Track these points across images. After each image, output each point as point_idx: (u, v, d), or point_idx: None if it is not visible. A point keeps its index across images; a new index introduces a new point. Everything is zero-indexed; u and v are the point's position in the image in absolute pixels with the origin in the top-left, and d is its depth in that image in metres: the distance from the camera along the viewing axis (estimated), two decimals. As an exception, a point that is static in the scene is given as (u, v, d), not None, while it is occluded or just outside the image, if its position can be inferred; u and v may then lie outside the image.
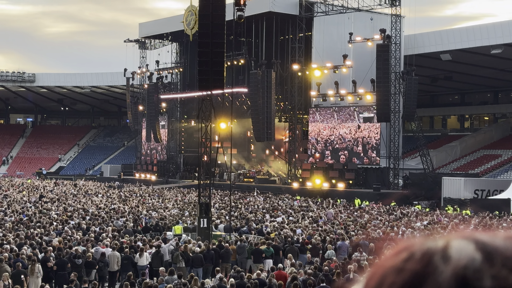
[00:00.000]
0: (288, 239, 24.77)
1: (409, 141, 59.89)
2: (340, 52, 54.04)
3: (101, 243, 23.54)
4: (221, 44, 28.30)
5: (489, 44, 53.69)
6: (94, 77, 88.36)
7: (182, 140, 72.67)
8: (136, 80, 76.07)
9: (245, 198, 47.39)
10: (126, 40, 76.29)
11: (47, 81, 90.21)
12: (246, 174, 63.17)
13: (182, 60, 71.41)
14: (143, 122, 76.04)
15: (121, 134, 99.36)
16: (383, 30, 51.59)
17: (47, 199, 43.67)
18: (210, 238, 26.50)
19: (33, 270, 19.17)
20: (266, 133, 54.56)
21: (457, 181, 48.77)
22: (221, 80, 28.43)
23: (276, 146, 65.06)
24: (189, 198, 46.39)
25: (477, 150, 64.37)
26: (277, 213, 36.37)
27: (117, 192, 53.49)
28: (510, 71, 62.62)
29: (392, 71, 51.94)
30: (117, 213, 34.52)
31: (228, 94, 55.79)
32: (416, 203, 45.74)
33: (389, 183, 52.21)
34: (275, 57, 57.61)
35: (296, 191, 52.67)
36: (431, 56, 58.11)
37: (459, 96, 76.43)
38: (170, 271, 19.32)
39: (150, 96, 70.42)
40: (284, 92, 60.29)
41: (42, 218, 30.90)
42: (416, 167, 56.63)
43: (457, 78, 67.75)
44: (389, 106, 51.40)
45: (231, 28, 45.53)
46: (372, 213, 37.23)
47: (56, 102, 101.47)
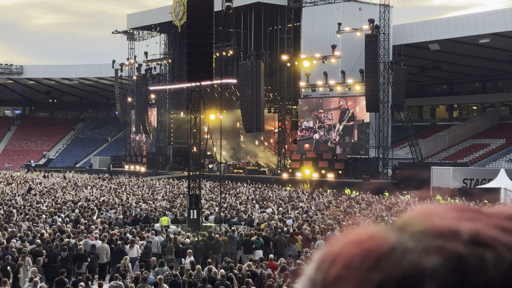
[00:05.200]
0: (278, 230, 24.82)
1: (398, 131, 60.08)
2: (329, 42, 54.05)
3: (90, 235, 23.50)
4: (209, 35, 28.24)
5: (477, 33, 53.86)
6: (82, 69, 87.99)
7: (172, 131, 72.58)
8: (125, 71, 75.83)
9: (235, 189, 47.40)
10: (114, 32, 75.96)
11: (35, 73, 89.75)
12: (235, 165, 63.19)
13: (171, 51, 71.20)
14: (132, 114, 75.86)
15: (110, 126, 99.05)
16: (372, 20, 51.63)
17: (36, 192, 43.52)
18: (200, 229, 26.53)
19: (23, 263, 19.12)
20: (255, 124, 54.57)
21: (446, 170, 48.98)
22: (210, 71, 28.40)
23: (265, 137, 65.09)
24: (179, 190, 46.35)
25: (466, 140, 64.65)
26: (267, 203, 36.43)
27: (106, 184, 53.36)
28: (498, 61, 62.89)
29: (381, 61, 52.03)
30: (107, 205, 34.46)
31: (217, 85, 55.69)
32: (405, 192, 45.90)
33: (378, 173, 52.38)
34: (264, 47, 57.54)
35: (285, 181, 52.74)
36: (420, 46, 58.24)
37: (447, 85, 76.67)
38: (160, 263, 19.33)
39: (139, 88, 70.21)
40: (273, 82, 60.27)
41: (31, 210, 30.80)
42: (405, 157, 56.84)
43: (445, 67, 67.95)
44: (378, 96, 51.52)
45: (219, 19, 45.56)
46: (361, 203, 37.34)
47: (44, 94, 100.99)
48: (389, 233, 0.84)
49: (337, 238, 0.88)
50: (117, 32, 75.77)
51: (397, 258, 0.80)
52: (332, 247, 0.86)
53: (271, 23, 58.81)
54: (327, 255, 0.86)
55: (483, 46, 56.00)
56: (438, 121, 72.69)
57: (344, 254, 0.84)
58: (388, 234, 0.84)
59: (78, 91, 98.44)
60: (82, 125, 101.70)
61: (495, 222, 0.83)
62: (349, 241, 0.85)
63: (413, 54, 58.04)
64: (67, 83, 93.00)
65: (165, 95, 73.64)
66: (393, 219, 28.45)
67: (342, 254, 0.84)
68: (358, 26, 52.79)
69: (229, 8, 42.82)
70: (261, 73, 54.13)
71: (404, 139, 59.73)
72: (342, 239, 0.86)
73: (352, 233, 0.87)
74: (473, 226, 0.81)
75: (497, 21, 52.64)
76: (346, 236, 0.87)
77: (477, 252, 0.79)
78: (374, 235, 0.85)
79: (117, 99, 79.15)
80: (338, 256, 0.84)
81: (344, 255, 0.84)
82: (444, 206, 0.91)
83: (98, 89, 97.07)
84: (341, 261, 0.84)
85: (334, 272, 0.84)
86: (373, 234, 0.85)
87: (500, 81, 72.06)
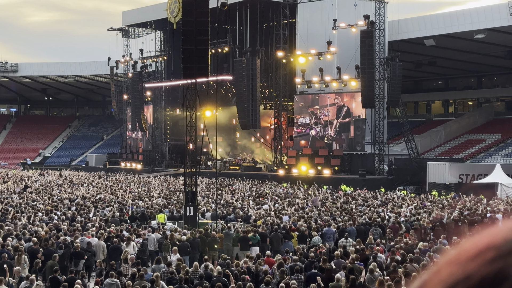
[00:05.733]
0: (274, 226, 24.83)
1: (394, 126, 60.11)
2: (324, 38, 54.05)
3: (87, 232, 23.49)
4: (205, 32, 28.21)
5: (472, 29, 53.88)
6: (78, 66, 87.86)
7: (168, 128, 72.55)
8: (120, 69, 75.74)
9: (231, 186, 47.41)
10: (109, 29, 75.86)
11: (30, 70, 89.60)
12: (232, 162, 63.18)
13: (166, 48, 71.12)
14: (127, 111, 75.80)
15: (105, 124, 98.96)
16: (367, 16, 51.65)
17: (32, 190, 43.47)
18: (197, 226, 26.54)
19: (19, 261, 19.10)
20: (251, 121, 54.56)
21: (442, 166, 49.05)
22: (206, 68, 28.38)
23: (261, 133, 65.10)
24: (175, 187, 46.34)
25: (462, 135, 64.74)
26: (263, 200, 36.45)
27: (102, 181, 53.33)
28: (493, 56, 62.95)
29: (376, 57, 52.04)
30: (103, 203, 34.44)
31: (213, 82, 55.74)
32: (402, 188, 45.98)
33: (374, 169, 52.44)
34: (260, 44, 57.52)
35: (282, 178, 52.76)
36: (415, 42, 58.26)
37: (443, 81, 76.74)
38: (157, 260, 19.34)
39: (135, 85, 70.14)
40: (269, 79, 60.28)
41: (27, 208, 30.76)
42: (401, 153, 56.88)
43: (441, 63, 68.00)
44: (373, 92, 51.55)
45: (215, 16, 45.48)
46: (358, 199, 37.39)
47: (40, 92, 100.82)
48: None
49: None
50: (113, 29, 75.66)
51: None
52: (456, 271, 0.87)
53: (267, 20, 58.79)
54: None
55: (478, 41, 56.05)
56: (434, 116, 72.76)
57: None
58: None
59: (73, 88, 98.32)
60: (77, 123, 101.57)
61: None
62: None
63: (408, 49, 58.07)
64: (63, 81, 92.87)
65: (160, 92, 73.58)
66: (390, 215, 28.52)
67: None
68: (353, 22, 52.79)
69: (224, 5, 42.73)
70: (257, 70, 54.11)
71: (400, 135, 59.78)
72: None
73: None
74: None
75: (492, 16, 52.68)
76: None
77: None
78: None
79: (113, 96, 79.08)
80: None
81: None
82: None
83: (93, 87, 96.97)
84: None
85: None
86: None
87: (496, 76, 72.14)
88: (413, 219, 27.24)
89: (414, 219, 26.96)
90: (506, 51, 61.39)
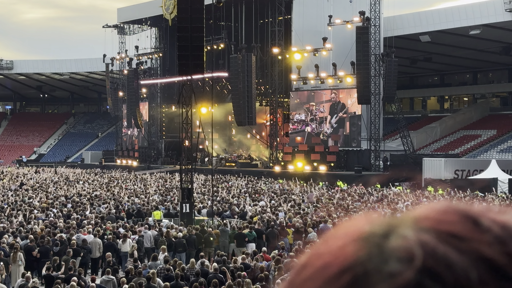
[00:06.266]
0: (271, 223, 24.86)
1: (389, 123, 60.19)
2: (320, 35, 54.04)
3: (83, 229, 23.49)
4: (200, 28, 28.20)
5: (467, 25, 53.90)
6: (73, 64, 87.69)
7: (163, 125, 72.50)
8: (116, 66, 75.62)
9: (227, 183, 47.42)
10: (104, 26, 75.75)
11: (25, 68, 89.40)
12: (227, 159, 63.20)
13: (162, 45, 71.05)
14: (123, 108, 75.71)
15: (101, 121, 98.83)
16: (363, 12, 51.64)
17: (28, 187, 43.41)
18: (193, 223, 26.54)
19: (15, 258, 19.09)
20: (247, 117, 54.55)
21: (438, 162, 49.12)
22: (201, 64, 28.37)
23: (257, 130, 65.09)
24: (171, 183, 46.33)
25: (457, 131, 64.83)
26: (260, 196, 36.47)
27: (98, 178, 53.28)
28: (488, 52, 63.00)
29: (372, 53, 52.05)
30: (99, 200, 34.43)
31: (208, 79, 55.64)
32: (397, 184, 46.02)
33: (370, 165, 52.48)
34: (255, 41, 57.48)
35: (278, 174, 52.78)
36: (410, 38, 58.27)
37: (438, 77, 76.81)
38: (153, 257, 19.35)
39: (130, 82, 70.05)
40: (264, 76, 60.27)
41: (23, 206, 30.73)
42: (397, 149, 56.94)
43: (436, 59, 68.04)
44: (369, 88, 51.56)
45: (210, 12, 45.43)
46: (354, 195, 37.43)
47: (35, 89, 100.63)
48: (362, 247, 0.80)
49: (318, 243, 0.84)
50: (108, 26, 75.55)
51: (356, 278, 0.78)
52: (308, 253, 0.83)
53: (262, 16, 58.75)
54: (300, 262, 0.84)
55: (474, 37, 56.08)
56: (430, 112, 72.84)
57: (311, 264, 0.82)
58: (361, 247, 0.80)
59: (69, 85, 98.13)
60: (73, 120, 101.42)
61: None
62: (322, 250, 0.82)
63: (404, 46, 58.08)
64: (58, 78, 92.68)
65: (156, 89, 73.51)
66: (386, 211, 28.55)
67: (310, 264, 0.82)
68: (349, 18, 52.79)
69: (220, 2, 42.75)
70: (252, 66, 54.10)
71: (395, 131, 59.83)
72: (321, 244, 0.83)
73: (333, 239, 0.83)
74: (429, 248, 0.77)
75: (487, 12, 52.71)
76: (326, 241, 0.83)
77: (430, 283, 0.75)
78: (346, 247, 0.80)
79: (108, 93, 78.96)
80: (306, 265, 0.83)
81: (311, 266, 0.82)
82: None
83: (89, 84, 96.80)
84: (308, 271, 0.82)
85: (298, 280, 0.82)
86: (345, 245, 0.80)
87: (491, 72, 72.25)
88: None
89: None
90: (502, 47, 61.46)
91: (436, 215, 0.82)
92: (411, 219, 0.82)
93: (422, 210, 0.83)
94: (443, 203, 0.84)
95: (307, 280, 0.81)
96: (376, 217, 0.86)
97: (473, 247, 0.78)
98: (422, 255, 0.76)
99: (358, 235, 0.81)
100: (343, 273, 0.78)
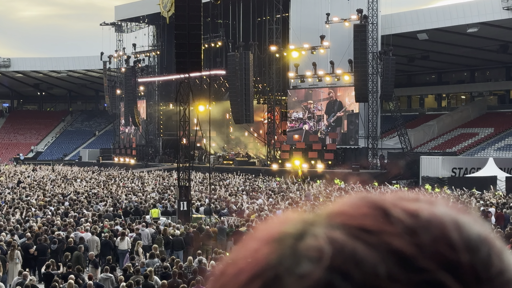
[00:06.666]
0: (268, 220, 24.86)
1: (387, 121, 60.18)
2: (317, 33, 54.05)
3: (80, 227, 23.48)
4: (198, 26, 28.19)
5: (465, 23, 53.93)
6: (71, 61, 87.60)
7: (161, 123, 72.47)
8: (113, 63, 75.56)
9: (224, 180, 47.43)
10: (102, 24, 75.65)
11: (22, 65, 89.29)
12: (225, 157, 63.19)
13: (159, 43, 71.01)
14: (121, 106, 75.67)
15: (99, 119, 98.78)
16: (360, 10, 51.65)
17: (26, 185, 43.39)
18: (191, 220, 26.55)
19: (12, 256, 19.07)
20: (244, 115, 54.54)
21: (435, 160, 49.16)
22: (199, 62, 28.37)
23: (255, 128, 65.10)
24: (169, 181, 46.33)
25: (454, 129, 64.87)
26: (257, 194, 36.47)
27: (96, 176, 53.28)
28: (486, 50, 63.02)
29: (369, 51, 52.05)
30: (97, 198, 34.42)
31: (206, 77, 55.73)
32: (395, 182, 46.06)
33: (368, 163, 52.49)
34: (253, 38, 57.46)
35: (275, 172, 52.79)
36: (408, 36, 58.28)
37: (436, 75, 76.83)
38: (151, 255, 19.35)
39: (128, 80, 70.01)
40: (262, 73, 60.25)
41: (20, 204, 30.71)
42: (395, 147, 56.97)
43: (434, 57, 68.07)
44: (367, 86, 51.57)
45: (207, 10, 45.57)
46: (351, 193, 37.44)
47: (32, 87, 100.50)
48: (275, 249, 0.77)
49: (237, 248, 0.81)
50: (105, 24, 75.46)
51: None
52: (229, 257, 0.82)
53: (260, 14, 58.73)
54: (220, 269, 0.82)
55: (471, 35, 56.12)
56: (427, 110, 72.87)
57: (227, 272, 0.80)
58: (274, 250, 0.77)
59: (66, 83, 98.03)
60: (70, 118, 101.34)
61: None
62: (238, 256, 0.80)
63: (401, 44, 58.09)
64: (55, 76, 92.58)
65: (154, 87, 73.47)
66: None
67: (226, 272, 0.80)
68: (346, 16, 52.79)
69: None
70: (250, 64, 54.08)
71: (393, 129, 59.86)
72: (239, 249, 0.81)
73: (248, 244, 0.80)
74: (338, 245, 0.75)
75: (485, 10, 52.73)
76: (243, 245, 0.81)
77: (338, 280, 0.74)
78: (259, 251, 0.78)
79: (106, 91, 78.91)
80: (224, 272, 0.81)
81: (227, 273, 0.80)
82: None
83: (86, 82, 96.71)
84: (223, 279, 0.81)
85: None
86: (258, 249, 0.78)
87: (488, 70, 72.28)
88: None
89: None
90: (499, 45, 61.47)
91: (348, 209, 0.79)
92: (325, 215, 0.80)
93: (335, 206, 0.81)
94: (356, 196, 0.82)
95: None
96: (293, 216, 0.83)
97: (382, 240, 0.75)
98: (331, 253, 0.74)
99: (271, 237, 0.79)
100: (254, 279, 0.76)
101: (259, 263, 0.77)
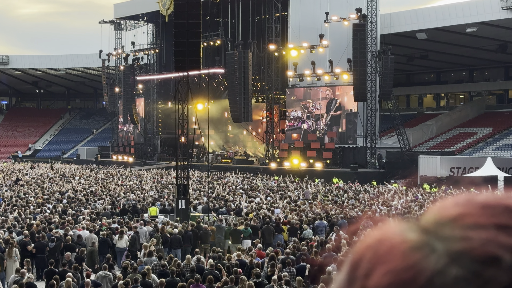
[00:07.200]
0: (266, 219, 24.87)
1: (385, 120, 60.21)
2: (316, 31, 54.05)
3: (78, 225, 23.47)
4: (197, 24, 28.17)
5: (464, 22, 53.95)
6: (69, 59, 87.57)
7: (159, 121, 72.45)
8: (112, 61, 75.51)
9: (223, 179, 47.43)
10: (101, 21, 75.58)
11: (21, 63, 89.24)
12: (223, 155, 63.18)
13: (158, 41, 70.97)
14: (119, 104, 75.63)
15: (97, 116, 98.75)
16: (359, 9, 51.64)
17: (24, 182, 43.36)
18: (189, 219, 26.55)
19: (10, 254, 19.06)
20: (243, 114, 54.54)
21: (433, 159, 49.18)
22: (197, 61, 28.35)
23: (253, 126, 65.09)
24: (167, 180, 46.31)
25: (453, 128, 64.91)
26: (255, 193, 36.48)
27: (94, 174, 53.24)
28: (485, 50, 63.05)
29: (368, 50, 52.05)
30: (95, 196, 34.41)
31: (204, 75, 55.64)
32: (393, 181, 46.08)
33: (366, 162, 52.52)
34: (252, 37, 57.46)
35: (273, 171, 52.81)
36: (407, 35, 58.29)
37: (434, 74, 76.86)
38: (149, 253, 19.33)
39: (126, 78, 69.97)
40: (261, 72, 60.24)
41: (18, 201, 30.69)
42: (393, 146, 56.99)
43: (432, 57, 68.10)
44: (365, 85, 51.57)
45: (207, 9, 45.57)
46: (349, 192, 37.47)
47: (31, 84, 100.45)
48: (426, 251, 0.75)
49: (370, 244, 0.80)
50: (104, 22, 75.40)
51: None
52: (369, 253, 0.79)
53: (259, 13, 58.72)
54: (362, 263, 0.79)
55: (470, 35, 56.14)
56: (426, 110, 72.91)
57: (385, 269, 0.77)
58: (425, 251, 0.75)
59: (65, 81, 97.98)
60: (69, 116, 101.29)
61: None
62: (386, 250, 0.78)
63: (400, 43, 58.10)
64: (54, 74, 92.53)
65: (152, 85, 73.44)
66: (381, 208, 28.59)
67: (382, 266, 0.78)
68: (345, 15, 52.79)
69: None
70: (249, 63, 54.07)
71: (391, 128, 59.88)
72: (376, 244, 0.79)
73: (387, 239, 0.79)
74: (503, 243, 0.73)
75: (484, 10, 52.74)
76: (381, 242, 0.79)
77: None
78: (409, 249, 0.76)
79: (105, 89, 78.87)
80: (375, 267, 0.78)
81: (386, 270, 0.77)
82: (470, 201, 0.80)
83: (85, 79, 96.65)
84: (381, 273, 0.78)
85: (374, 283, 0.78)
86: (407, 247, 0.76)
87: (487, 70, 72.31)
88: (405, 211, 27.31)
89: (406, 212, 27.04)
90: (498, 45, 61.51)
91: (471, 210, 0.77)
92: (445, 219, 0.77)
93: (447, 210, 0.78)
94: (461, 196, 0.80)
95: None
96: (404, 224, 0.81)
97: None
98: (505, 252, 0.72)
99: (408, 246, 0.77)
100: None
101: (423, 273, 0.76)
